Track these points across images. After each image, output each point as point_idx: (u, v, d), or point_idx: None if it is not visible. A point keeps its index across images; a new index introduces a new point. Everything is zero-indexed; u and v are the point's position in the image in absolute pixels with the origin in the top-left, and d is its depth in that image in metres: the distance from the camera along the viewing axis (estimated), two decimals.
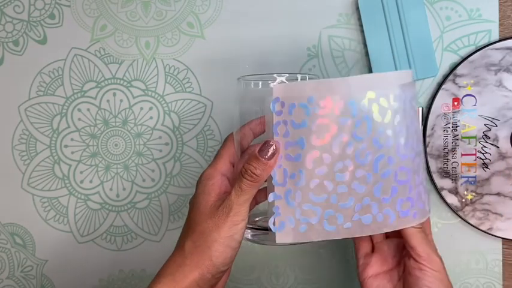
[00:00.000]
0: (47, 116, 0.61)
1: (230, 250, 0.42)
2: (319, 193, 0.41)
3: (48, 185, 0.62)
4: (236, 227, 0.42)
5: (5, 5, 0.60)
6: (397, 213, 0.42)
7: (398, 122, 0.41)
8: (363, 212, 0.42)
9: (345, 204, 0.42)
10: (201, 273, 0.42)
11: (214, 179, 0.45)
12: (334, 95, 0.40)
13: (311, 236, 0.42)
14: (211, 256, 0.42)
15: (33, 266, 0.63)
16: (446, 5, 0.57)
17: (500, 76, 0.55)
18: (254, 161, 0.41)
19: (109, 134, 0.61)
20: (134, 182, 0.61)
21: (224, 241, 0.42)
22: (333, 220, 0.42)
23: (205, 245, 0.42)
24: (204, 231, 0.42)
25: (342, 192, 0.41)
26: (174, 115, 0.60)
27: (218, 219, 0.42)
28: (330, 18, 0.58)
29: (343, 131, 0.40)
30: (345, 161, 0.41)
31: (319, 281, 0.61)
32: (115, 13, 0.60)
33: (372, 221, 0.42)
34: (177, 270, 0.42)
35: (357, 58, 0.58)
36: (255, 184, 0.42)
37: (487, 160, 0.56)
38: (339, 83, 0.41)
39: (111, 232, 0.62)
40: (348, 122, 0.40)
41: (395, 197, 0.42)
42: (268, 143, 0.41)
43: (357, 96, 0.40)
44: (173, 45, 0.60)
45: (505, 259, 0.58)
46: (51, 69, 0.61)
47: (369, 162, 0.41)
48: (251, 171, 0.41)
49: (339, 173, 0.41)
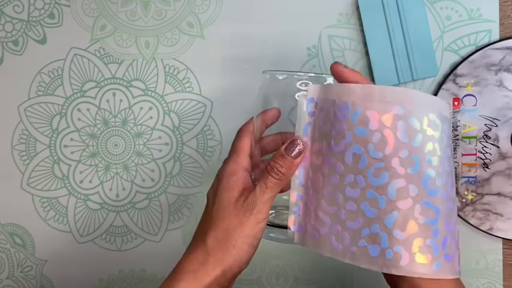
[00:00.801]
0: (46, 116, 0.61)
1: (252, 249, 0.42)
2: (330, 203, 0.40)
3: (48, 185, 0.62)
4: (259, 225, 0.41)
5: (5, 4, 0.60)
6: (412, 256, 0.36)
7: (430, 151, 0.37)
8: (370, 240, 0.37)
9: (352, 224, 0.38)
10: (223, 270, 0.41)
11: (237, 174, 0.43)
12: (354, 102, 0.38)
13: (319, 246, 0.41)
14: (235, 254, 0.41)
15: (33, 266, 0.62)
16: (446, 5, 0.57)
17: (500, 76, 0.55)
18: (280, 158, 0.41)
19: (109, 134, 0.61)
20: (134, 182, 0.61)
21: (248, 240, 0.41)
22: (339, 237, 0.39)
23: (229, 242, 0.41)
24: (228, 228, 0.41)
25: (350, 210, 0.39)
26: (174, 115, 0.60)
27: (243, 216, 0.41)
28: (330, 18, 0.58)
29: (357, 143, 0.38)
30: (357, 176, 0.38)
31: (319, 281, 0.61)
32: (115, 13, 0.60)
33: (379, 254, 0.37)
34: (199, 267, 0.41)
35: (357, 58, 0.58)
36: (280, 182, 0.41)
37: (487, 160, 0.56)
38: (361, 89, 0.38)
39: (110, 232, 0.62)
40: (364, 133, 0.37)
41: (412, 235, 0.36)
42: (295, 141, 0.41)
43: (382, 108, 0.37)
44: (173, 45, 0.60)
45: (506, 259, 0.58)
46: (51, 69, 0.61)
47: (382, 185, 0.37)
48: (277, 169, 0.41)
49: (349, 187, 0.38)
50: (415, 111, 0.37)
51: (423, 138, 0.37)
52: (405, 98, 0.37)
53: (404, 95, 0.37)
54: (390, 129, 0.37)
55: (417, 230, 0.36)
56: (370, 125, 0.37)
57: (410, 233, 0.36)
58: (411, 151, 0.36)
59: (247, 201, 0.41)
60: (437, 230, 0.37)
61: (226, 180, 0.43)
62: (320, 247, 0.41)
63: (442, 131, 0.38)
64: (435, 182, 0.37)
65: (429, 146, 0.37)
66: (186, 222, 0.61)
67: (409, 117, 0.37)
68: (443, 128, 0.38)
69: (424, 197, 0.36)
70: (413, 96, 0.37)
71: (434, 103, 0.38)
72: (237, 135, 0.46)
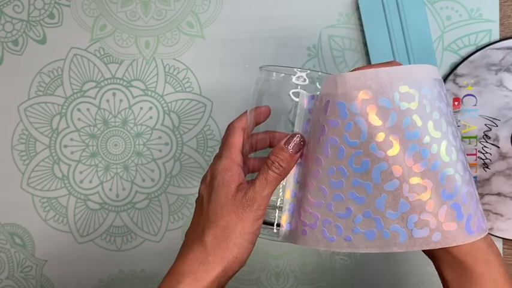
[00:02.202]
0: (46, 116, 0.61)
1: (252, 245, 0.41)
2: (317, 197, 0.40)
3: (48, 185, 0.62)
4: (257, 222, 0.41)
5: (5, 4, 0.60)
6: (409, 232, 0.37)
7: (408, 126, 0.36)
8: (365, 226, 0.38)
9: (343, 215, 0.39)
10: (224, 269, 0.40)
11: (232, 170, 0.43)
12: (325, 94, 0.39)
13: (312, 242, 0.41)
14: (236, 252, 0.40)
15: (33, 266, 0.62)
16: (446, 5, 0.56)
17: (500, 76, 0.55)
18: (280, 152, 0.41)
19: (109, 134, 0.61)
20: (134, 182, 0.61)
21: (248, 237, 0.41)
22: (332, 230, 0.40)
23: (229, 240, 0.40)
24: (227, 225, 0.40)
25: (338, 201, 0.39)
26: (174, 115, 0.60)
27: (243, 212, 0.40)
28: (330, 18, 0.58)
29: (332, 134, 0.38)
30: (338, 167, 0.38)
31: (319, 281, 0.61)
32: (115, 13, 0.60)
33: (377, 237, 0.38)
34: (199, 268, 0.40)
35: (357, 58, 0.58)
36: (280, 177, 0.41)
37: (487, 160, 0.56)
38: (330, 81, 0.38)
39: (110, 232, 0.62)
40: (336, 124, 0.38)
41: (405, 213, 0.37)
42: (295, 135, 0.41)
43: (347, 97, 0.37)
44: (173, 45, 0.60)
45: (505, 259, 0.58)
46: (51, 69, 0.61)
47: (366, 171, 0.37)
48: (278, 163, 0.41)
49: (333, 180, 0.39)
50: (383, 90, 0.36)
51: (398, 115, 0.36)
52: (369, 79, 0.36)
53: (367, 77, 0.36)
54: (361, 116, 0.36)
55: (409, 207, 0.36)
56: (341, 115, 0.37)
57: (403, 211, 0.37)
58: (388, 132, 0.36)
59: (246, 197, 0.41)
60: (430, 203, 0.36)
61: (221, 176, 0.42)
62: (312, 242, 0.41)
63: (421, 97, 0.36)
64: (421, 156, 0.36)
65: (406, 121, 0.36)
66: (186, 222, 0.61)
67: (378, 99, 0.36)
68: (423, 94, 0.36)
69: (411, 174, 0.36)
70: (377, 75, 0.36)
71: (403, 73, 0.36)
72: (229, 130, 0.45)
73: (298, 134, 0.41)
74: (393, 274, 0.60)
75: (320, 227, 0.40)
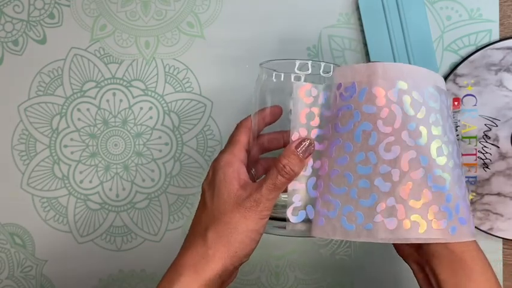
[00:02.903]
0: (46, 115, 0.61)
1: (254, 243, 0.42)
2: (339, 184, 0.40)
3: (48, 185, 0.62)
4: (262, 221, 0.41)
5: (5, 4, 0.60)
6: (429, 223, 0.38)
7: (434, 121, 0.39)
8: (387, 213, 0.38)
9: (366, 202, 0.39)
10: (224, 264, 0.40)
11: (234, 166, 0.42)
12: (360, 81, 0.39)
13: (328, 231, 0.40)
14: (236, 248, 0.41)
15: (33, 266, 0.62)
16: (446, 5, 0.57)
17: (500, 76, 0.55)
18: (292, 157, 0.41)
19: (109, 134, 0.61)
20: (134, 182, 0.61)
21: (251, 234, 0.41)
22: (352, 218, 0.39)
23: (231, 236, 0.40)
24: (230, 222, 0.41)
25: (363, 187, 0.39)
26: (174, 115, 0.60)
27: (246, 212, 0.40)
28: (330, 18, 0.58)
29: (366, 120, 0.39)
30: (368, 152, 0.39)
31: (319, 281, 0.61)
32: (115, 13, 0.60)
33: (397, 226, 0.37)
34: (200, 261, 0.40)
35: (357, 58, 0.58)
36: (288, 181, 0.41)
37: (487, 160, 0.56)
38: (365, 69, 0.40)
39: (110, 232, 0.62)
40: (372, 110, 0.39)
41: (427, 203, 0.38)
42: (305, 140, 0.41)
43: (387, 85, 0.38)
44: (173, 45, 0.60)
45: (505, 259, 0.58)
46: (51, 69, 0.61)
47: (395, 158, 0.38)
48: (290, 168, 0.40)
49: (361, 165, 0.39)
50: (417, 84, 0.39)
51: (426, 110, 0.39)
52: (406, 72, 0.39)
53: (404, 70, 0.39)
54: (397, 104, 0.38)
55: (431, 198, 0.38)
56: (377, 101, 0.39)
57: (426, 201, 0.38)
58: (418, 123, 0.38)
59: (251, 198, 0.40)
60: (450, 196, 0.38)
61: (223, 171, 0.42)
62: (329, 231, 0.40)
63: (441, 102, 0.40)
64: (442, 151, 0.39)
65: (432, 117, 0.39)
66: (186, 222, 0.61)
67: (412, 91, 0.38)
68: (442, 99, 0.40)
69: (435, 166, 0.38)
70: (413, 71, 0.39)
71: (431, 76, 0.40)
72: (235, 128, 0.46)
73: (308, 139, 0.41)
74: (393, 274, 0.60)
75: (339, 215, 0.40)
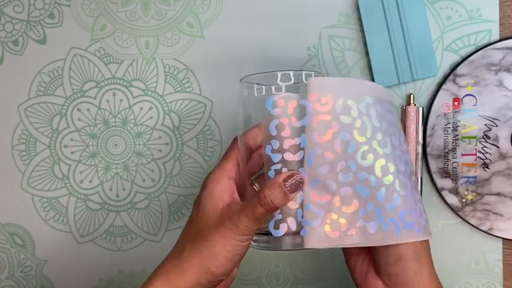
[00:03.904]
0: (46, 116, 0.61)
1: (231, 263, 0.41)
2: (321, 193, 0.40)
3: (48, 185, 0.62)
4: (241, 244, 0.40)
5: (5, 4, 0.60)
6: (402, 224, 0.40)
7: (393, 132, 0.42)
8: (368, 218, 0.40)
9: (349, 208, 0.40)
10: (197, 278, 0.41)
11: (221, 183, 0.42)
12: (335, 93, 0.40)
13: (312, 241, 0.40)
14: (210, 265, 0.40)
15: (33, 266, 0.62)
16: (446, 5, 0.57)
17: (500, 76, 0.55)
18: (277, 189, 0.39)
19: (109, 134, 0.61)
20: (134, 182, 0.61)
21: (227, 255, 0.40)
22: (336, 225, 0.40)
23: (207, 252, 0.40)
24: (208, 238, 0.41)
25: (346, 195, 0.40)
26: (174, 115, 0.60)
27: (226, 232, 0.40)
28: (330, 18, 0.58)
29: (344, 129, 0.40)
30: (348, 161, 0.40)
31: (319, 281, 0.61)
32: (115, 13, 0.60)
33: (378, 229, 0.40)
34: (173, 270, 0.41)
35: (357, 58, 0.58)
36: (269, 213, 0.40)
37: (487, 160, 0.56)
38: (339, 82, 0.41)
39: (111, 232, 0.62)
40: (348, 121, 0.40)
41: (398, 206, 0.40)
42: (294, 174, 0.39)
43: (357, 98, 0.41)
44: (173, 45, 0.60)
45: (505, 259, 0.58)
46: (51, 69, 0.61)
47: (371, 165, 0.40)
48: (270, 200, 0.39)
49: (342, 173, 0.40)
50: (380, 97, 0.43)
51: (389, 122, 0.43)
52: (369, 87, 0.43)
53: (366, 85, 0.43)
54: (367, 116, 0.41)
55: (400, 201, 0.41)
56: (352, 113, 0.40)
57: (396, 205, 0.40)
58: (383, 133, 0.42)
59: (231, 220, 0.40)
60: (413, 199, 0.42)
61: (210, 188, 0.42)
62: (313, 242, 0.40)
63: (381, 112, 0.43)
64: (403, 158, 0.43)
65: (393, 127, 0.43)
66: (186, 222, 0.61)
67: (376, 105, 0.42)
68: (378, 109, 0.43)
69: (400, 172, 0.41)
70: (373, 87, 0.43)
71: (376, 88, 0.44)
72: (231, 143, 0.45)
73: (297, 173, 0.40)
74: None
75: (323, 224, 0.40)
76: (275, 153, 0.41)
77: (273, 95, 0.41)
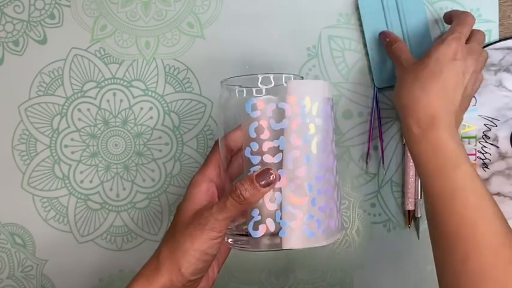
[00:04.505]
0: (47, 116, 0.61)
1: (201, 263, 0.42)
2: (299, 195, 0.40)
3: (48, 185, 0.62)
4: (211, 242, 0.41)
5: (5, 5, 0.60)
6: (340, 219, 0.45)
7: None
8: (333, 216, 0.43)
9: (323, 208, 0.41)
10: (170, 279, 0.42)
11: (200, 186, 0.44)
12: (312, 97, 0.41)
13: (290, 241, 0.40)
14: (180, 266, 0.41)
15: (33, 266, 0.63)
16: (446, 5, 0.57)
17: (500, 76, 0.55)
18: (248, 183, 0.40)
19: (109, 134, 0.61)
20: (134, 182, 0.61)
21: (195, 254, 0.41)
22: (313, 224, 0.41)
23: (178, 253, 0.42)
24: (179, 239, 0.42)
25: (320, 195, 0.41)
26: (174, 115, 0.60)
27: (193, 229, 0.41)
28: (330, 18, 0.58)
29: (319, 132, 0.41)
30: (321, 162, 0.41)
31: (319, 281, 0.61)
32: (115, 13, 0.60)
33: (337, 225, 0.44)
34: (152, 273, 0.43)
35: (357, 58, 0.58)
36: (240, 206, 0.41)
37: (487, 160, 0.56)
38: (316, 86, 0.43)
39: (111, 232, 0.62)
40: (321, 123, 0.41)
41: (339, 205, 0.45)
42: (268, 170, 0.40)
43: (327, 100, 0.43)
44: (173, 45, 0.60)
45: None
46: (51, 69, 0.61)
47: (332, 166, 0.43)
48: (240, 192, 0.40)
49: (317, 175, 0.41)
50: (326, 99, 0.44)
51: None
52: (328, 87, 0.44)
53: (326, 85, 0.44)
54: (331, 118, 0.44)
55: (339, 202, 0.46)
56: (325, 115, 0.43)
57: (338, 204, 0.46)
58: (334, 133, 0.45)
59: (202, 216, 0.41)
60: None
61: (189, 191, 0.44)
62: (292, 242, 0.40)
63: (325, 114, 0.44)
64: None
65: None
66: None
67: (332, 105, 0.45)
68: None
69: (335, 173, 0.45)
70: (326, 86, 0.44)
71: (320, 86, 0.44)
72: (212, 147, 0.47)
73: (271, 170, 0.40)
74: (393, 274, 0.60)
75: (302, 225, 0.40)
76: (254, 155, 0.41)
77: (252, 98, 0.41)
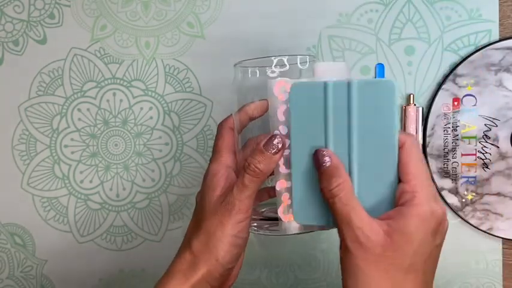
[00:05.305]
0: (46, 116, 0.61)
1: (236, 248, 0.42)
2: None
3: (48, 185, 0.62)
4: (240, 225, 0.41)
5: (5, 4, 0.60)
6: None
7: None
8: None
9: None
10: (209, 270, 0.41)
11: (218, 174, 0.43)
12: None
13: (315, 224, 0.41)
14: (217, 256, 0.41)
15: (33, 266, 0.63)
16: (446, 5, 0.57)
17: (500, 76, 0.55)
18: (258, 154, 0.40)
19: (109, 134, 0.61)
20: (134, 182, 0.61)
21: (229, 240, 0.41)
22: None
23: (211, 243, 0.41)
24: (209, 229, 0.41)
25: None
26: (174, 115, 0.60)
27: (222, 216, 0.41)
28: (330, 18, 0.58)
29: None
30: None
31: (319, 281, 0.61)
32: (115, 13, 0.60)
33: None
34: (188, 267, 0.42)
35: (357, 58, 0.58)
36: (258, 179, 0.41)
37: (487, 160, 0.56)
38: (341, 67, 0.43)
39: (111, 232, 0.62)
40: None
41: None
42: (274, 136, 0.40)
43: None
44: (173, 45, 0.60)
45: (505, 259, 0.58)
46: (51, 69, 0.61)
47: None
48: (254, 166, 0.40)
49: None
50: None
51: None
52: None
53: None
54: None
55: None
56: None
57: None
58: None
59: (225, 200, 0.41)
60: None
61: (209, 180, 0.43)
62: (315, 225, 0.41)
63: None
64: None
65: None
66: (186, 222, 0.61)
67: None
68: None
69: None
70: None
71: None
72: (217, 132, 0.45)
73: (276, 135, 0.40)
74: None
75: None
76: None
77: (279, 80, 0.41)
